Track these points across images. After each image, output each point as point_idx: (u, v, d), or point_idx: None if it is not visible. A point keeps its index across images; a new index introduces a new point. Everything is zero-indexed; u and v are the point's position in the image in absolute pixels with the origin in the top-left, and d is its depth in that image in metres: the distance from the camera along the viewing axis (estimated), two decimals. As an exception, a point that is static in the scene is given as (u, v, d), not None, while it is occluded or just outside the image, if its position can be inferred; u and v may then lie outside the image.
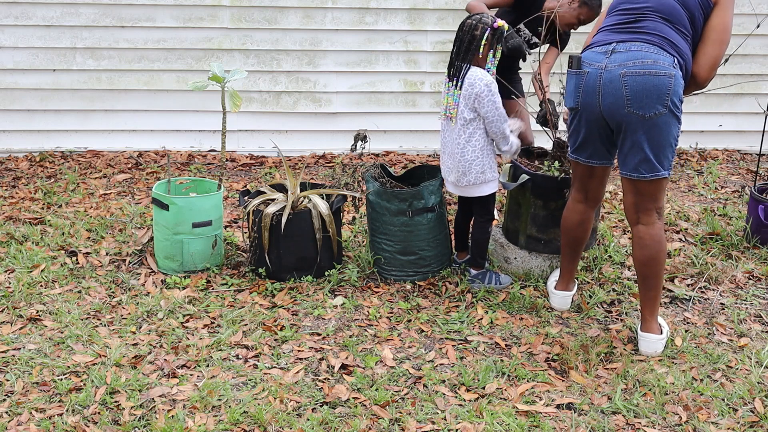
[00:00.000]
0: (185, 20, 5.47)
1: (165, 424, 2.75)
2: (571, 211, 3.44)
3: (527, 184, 3.75)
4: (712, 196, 5.14)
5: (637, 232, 3.18)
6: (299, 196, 3.82)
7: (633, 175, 3.10)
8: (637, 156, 3.07)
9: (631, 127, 3.04)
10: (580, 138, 3.24)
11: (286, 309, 3.56)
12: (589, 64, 3.11)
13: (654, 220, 3.15)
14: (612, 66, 3.04)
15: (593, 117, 3.15)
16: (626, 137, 3.08)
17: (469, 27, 3.52)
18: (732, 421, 2.88)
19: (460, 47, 3.53)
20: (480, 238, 3.76)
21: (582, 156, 3.28)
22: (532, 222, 3.81)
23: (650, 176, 3.07)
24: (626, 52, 3.04)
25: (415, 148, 5.87)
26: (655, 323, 3.26)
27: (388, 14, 5.60)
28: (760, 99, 5.87)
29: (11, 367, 3.08)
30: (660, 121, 3.01)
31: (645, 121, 3.01)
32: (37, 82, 5.49)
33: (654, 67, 2.98)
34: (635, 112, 3.01)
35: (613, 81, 3.03)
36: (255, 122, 5.70)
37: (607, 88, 3.05)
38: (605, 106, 3.08)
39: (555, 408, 2.92)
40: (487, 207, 3.73)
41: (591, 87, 3.10)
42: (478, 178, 3.60)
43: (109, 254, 4.04)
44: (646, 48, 3.02)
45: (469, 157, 3.57)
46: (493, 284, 3.75)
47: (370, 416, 2.84)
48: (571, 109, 3.23)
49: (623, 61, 3.02)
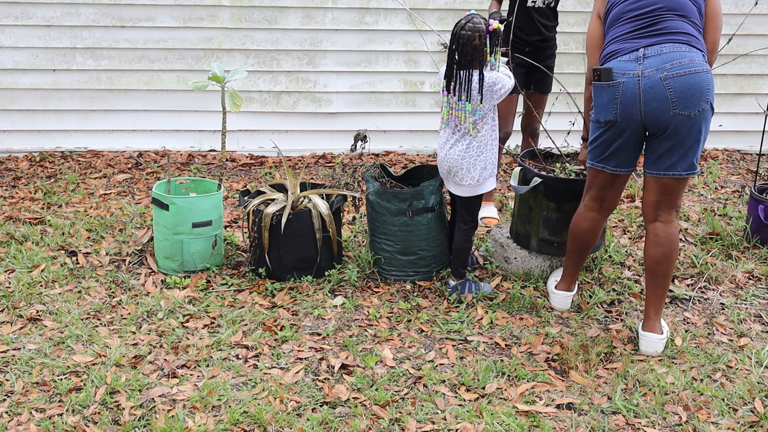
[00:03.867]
0: (185, 20, 5.47)
1: (165, 424, 2.75)
2: (583, 218, 3.38)
3: (539, 187, 3.72)
4: (712, 196, 5.14)
5: (654, 230, 3.17)
6: (299, 196, 3.82)
7: (668, 174, 3.07)
8: (676, 155, 3.05)
9: (676, 128, 3.02)
10: (612, 148, 3.16)
11: (286, 309, 3.56)
12: (622, 74, 3.05)
13: (672, 218, 3.16)
14: (649, 71, 3.00)
15: (632, 126, 3.09)
16: (666, 139, 3.05)
17: (467, 39, 3.36)
18: (732, 421, 2.88)
19: (462, 59, 3.39)
20: (462, 247, 3.70)
21: (610, 165, 3.20)
22: (545, 225, 3.78)
23: (686, 173, 3.08)
24: (659, 56, 3.01)
25: (415, 148, 5.87)
26: (658, 323, 3.26)
27: (388, 14, 5.60)
28: (760, 99, 5.86)
29: (11, 367, 3.08)
30: (702, 117, 3.02)
31: (690, 120, 3.00)
32: (37, 82, 5.49)
33: (692, 65, 2.98)
34: (681, 113, 2.99)
35: (655, 86, 2.99)
36: (255, 122, 5.70)
37: (648, 95, 3.01)
38: (648, 112, 3.03)
39: (555, 408, 2.92)
40: (473, 212, 3.69)
41: (630, 96, 3.04)
42: (482, 175, 3.57)
43: (109, 254, 4.04)
44: (677, 48, 3.01)
45: (475, 152, 3.53)
46: (473, 293, 3.69)
47: (370, 416, 2.84)
48: (605, 122, 3.14)
49: (660, 64, 2.99)
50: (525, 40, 4.34)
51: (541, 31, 4.40)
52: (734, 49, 5.78)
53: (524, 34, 4.34)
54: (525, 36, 4.34)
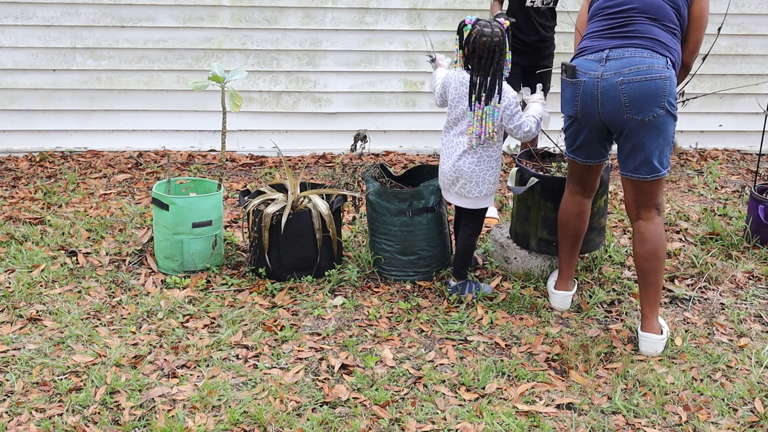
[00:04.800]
0: (185, 20, 5.47)
1: (165, 424, 2.75)
2: (569, 203, 3.49)
3: (536, 187, 3.74)
4: (712, 196, 5.14)
5: (638, 228, 3.24)
6: (299, 196, 3.82)
7: (634, 176, 3.16)
8: (638, 158, 3.12)
9: (631, 131, 3.10)
10: (578, 141, 3.30)
11: (286, 309, 3.56)
12: (584, 72, 3.14)
13: (654, 216, 3.21)
14: (608, 74, 3.08)
15: (592, 123, 3.21)
16: (626, 141, 3.14)
17: (488, 46, 3.32)
18: (732, 421, 2.88)
19: (486, 68, 3.35)
20: (464, 250, 3.71)
21: (580, 156, 3.34)
22: (543, 225, 3.79)
23: (651, 177, 3.13)
24: (620, 59, 3.08)
25: (415, 148, 5.87)
26: (656, 322, 3.27)
27: (388, 14, 5.60)
28: (760, 99, 5.86)
29: (11, 367, 3.08)
30: (658, 122, 3.07)
31: (644, 125, 3.07)
32: (37, 82, 5.49)
33: (649, 72, 3.04)
34: (634, 117, 3.07)
35: (611, 89, 3.08)
36: (255, 122, 5.70)
37: (605, 97, 3.10)
38: (605, 113, 3.13)
39: (555, 408, 2.92)
40: (478, 218, 3.69)
41: (589, 96, 3.14)
42: (490, 189, 3.59)
43: (109, 254, 4.04)
44: (639, 53, 3.07)
45: (486, 167, 3.54)
46: (473, 294, 3.68)
47: (370, 416, 2.84)
48: (569, 116, 3.28)
49: (619, 68, 3.07)
50: (523, 40, 4.34)
51: (539, 32, 4.41)
52: (734, 49, 5.79)
53: (522, 35, 4.35)
54: (523, 36, 4.35)
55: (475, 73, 3.40)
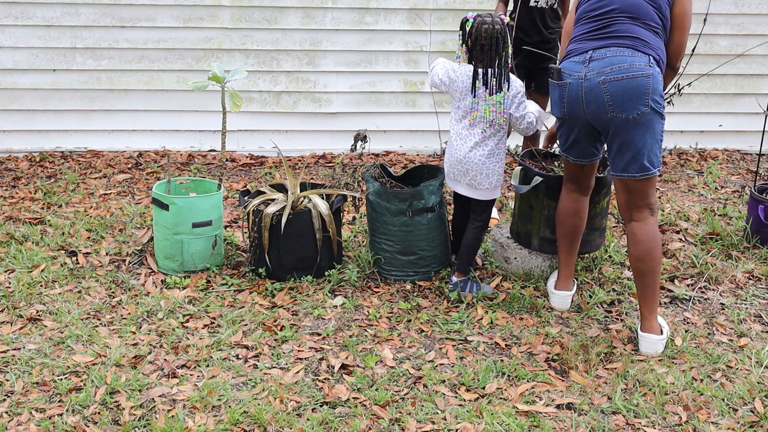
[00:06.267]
0: (185, 20, 5.47)
1: (165, 424, 2.75)
2: (567, 200, 3.52)
3: (540, 186, 3.74)
4: (712, 196, 5.14)
5: (631, 229, 3.25)
6: (299, 196, 3.82)
7: (623, 175, 3.18)
8: (625, 156, 3.14)
9: (617, 130, 3.13)
10: (569, 141, 3.36)
11: (286, 309, 3.56)
12: (569, 74, 3.20)
13: (646, 216, 3.22)
14: (591, 74, 3.13)
15: (580, 123, 3.26)
16: (614, 140, 3.17)
17: (489, 33, 3.43)
18: (732, 421, 2.88)
19: (491, 55, 3.44)
20: (472, 244, 3.73)
21: (571, 155, 3.40)
22: (546, 224, 3.79)
23: (640, 175, 3.15)
24: (602, 59, 3.12)
25: (415, 148, 5.87)
26: (655, 322, 3.27)
27: (388, 14, 5.60)
28: (760, 99, 5.87)
29: (11, 367, 3.08)
30: (644, 120, 3.09)
31: (629, 123, 3.09)
32: (37, 82, 5.49)
33: (630, 70, 3.07)
34: (618, 116, 3.10)
35: (594, 89, 3.12)
36: (255, 122, 5.70)
37: (589, 97, 3.15)
38: (590, 113, 3.18)
39: (555, 408, 2.92)
40: (487, 210, 3.72)
41: (574, 97, 3.19)
42: (499, 180, 3.63)
43: (109, 254, 4.04)
44: (620, 52, 3.11)
45: (495, 159, 3.59)
46: (473, 293, 3.70)
47: (370, 416, 2.84)
48: (558, 117, 3.34)
49: (601, 68, 3.11)
50: (525, 40, 4.34)
51: (541, 32, 4.40)
52: (734, 49, 5.78)
53: (524, 35, 4.34)
54: (525, 36, 4.35)
55: (479, 63, 3.48)
